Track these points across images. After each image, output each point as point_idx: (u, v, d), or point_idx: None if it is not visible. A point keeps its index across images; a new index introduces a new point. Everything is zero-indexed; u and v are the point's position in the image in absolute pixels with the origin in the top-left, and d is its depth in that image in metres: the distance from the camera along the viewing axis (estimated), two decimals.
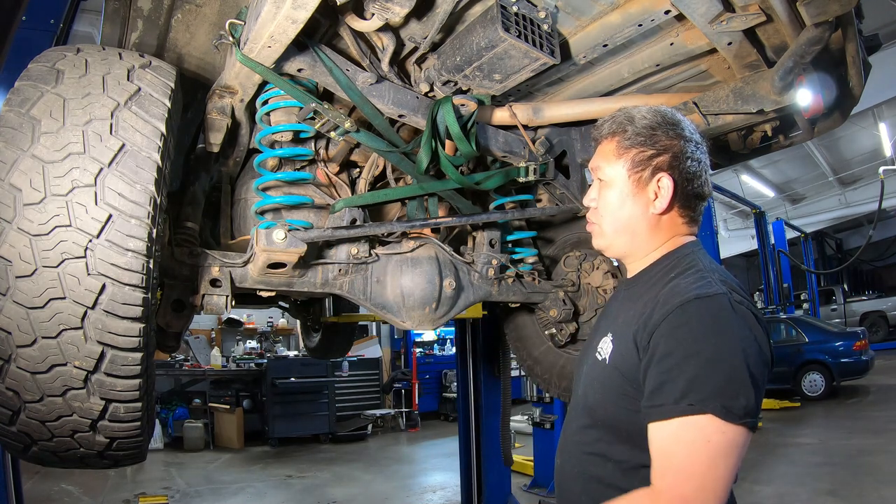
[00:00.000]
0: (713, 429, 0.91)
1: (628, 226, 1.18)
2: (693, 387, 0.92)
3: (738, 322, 0.97)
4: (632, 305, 1.13)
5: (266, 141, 1.84)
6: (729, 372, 0.93)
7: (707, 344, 0.95)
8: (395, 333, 11.58)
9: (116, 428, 1.33)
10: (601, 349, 1.15)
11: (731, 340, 0.95)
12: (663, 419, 0.94)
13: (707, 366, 0.93)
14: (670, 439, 0.94)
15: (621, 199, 1.18)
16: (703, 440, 0.91)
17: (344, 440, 8.82)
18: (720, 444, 0.91)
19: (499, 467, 4.35)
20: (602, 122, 1.23)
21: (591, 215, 1.24)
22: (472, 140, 1.82)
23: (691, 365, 0.94)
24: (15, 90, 1.28)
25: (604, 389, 1.11)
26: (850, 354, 9.41)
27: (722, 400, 0.91)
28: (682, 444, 0.92)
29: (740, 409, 0.91)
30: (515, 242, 2.39)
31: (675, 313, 0.98)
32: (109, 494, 5.80)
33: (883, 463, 5.48)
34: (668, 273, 1.11)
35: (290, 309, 4.19)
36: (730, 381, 0.92)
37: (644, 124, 1.16)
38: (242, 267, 1.73)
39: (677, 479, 0.92)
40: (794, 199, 17.34)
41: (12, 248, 1.16)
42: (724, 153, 2.37)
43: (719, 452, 0.91)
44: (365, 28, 1.55)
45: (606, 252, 1.27)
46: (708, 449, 0.91)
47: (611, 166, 1.19)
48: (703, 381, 0.92)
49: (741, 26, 1.58)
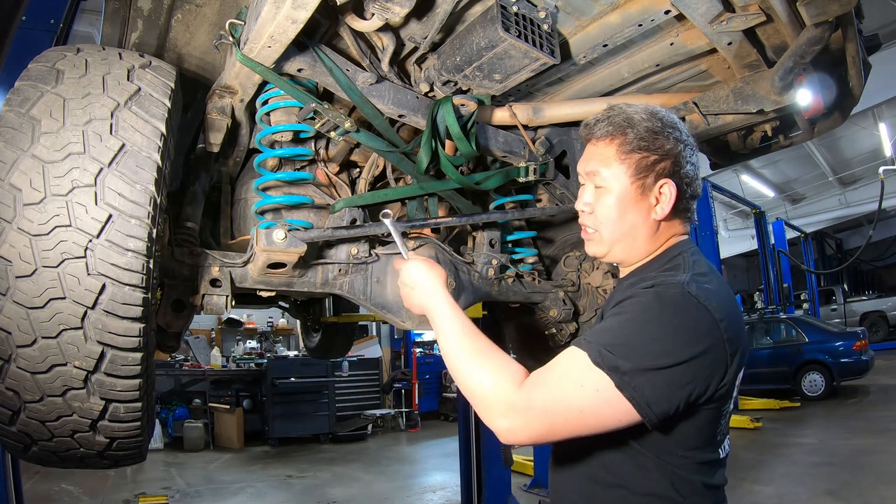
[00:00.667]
0: (578, 359, 0.97)
1: (629, 233, 1.14)
2: (593, 335, 0.99)
3: (680, 307, 0.98)
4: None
5: (266, 141, 1.84)
6: (635, 337, 0.96)
7: (633, 313, 1.00)
8: (395, 333, 11.57)
9: (116, 428, 1.33)
10: None
11: (658, 318, 0.97)
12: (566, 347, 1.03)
13: (621, 326, 0.99)
14: (559, 356, 1.01)
15: (623, 206, 1.13)
16: (568, 365, 0.98)
17: (344, 440, 8.82)
18: (577, 370, 0.96)
19: (499, 467, 4.35)
20: (594, 121, 1.17)
21: (587, 220, 1.18)
22: (472, 140, 1.82)
23: (610, 322, 1.01)
24: (15, 90, 1.28)
25: None
26: (850, 354, 9.40)
27: (600, 347, 0.96)
28: (554, 363, 1.00)
29: (611, 362, 0.94)
30: (515, 242, 2.39)
31: (631, 297, 1.03)
32: (109, 494, 5.80)
33: (883, 463, 5.47)
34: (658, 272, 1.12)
35: (290, 309, 4.19)
36: (627, 342, 0.96)
37: (645, 127, 1.12)
38: (242, 267, 1.73)
39: (536, 382, 0.98)
40: (794, 199, 17.34)
41: (12, 248, 1.16)
42: (724, 153, 2.37)
43: (574, 375, 0.96)
44: (365, 28, 1.55)
45: (603, 259, 1.23)
46: (569, 372, 0.97)
47: (611, 171, 1.13)
48: (604, 331, 0.99)
49: (741, 26, 1.58)
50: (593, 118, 1.18)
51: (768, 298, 13.29)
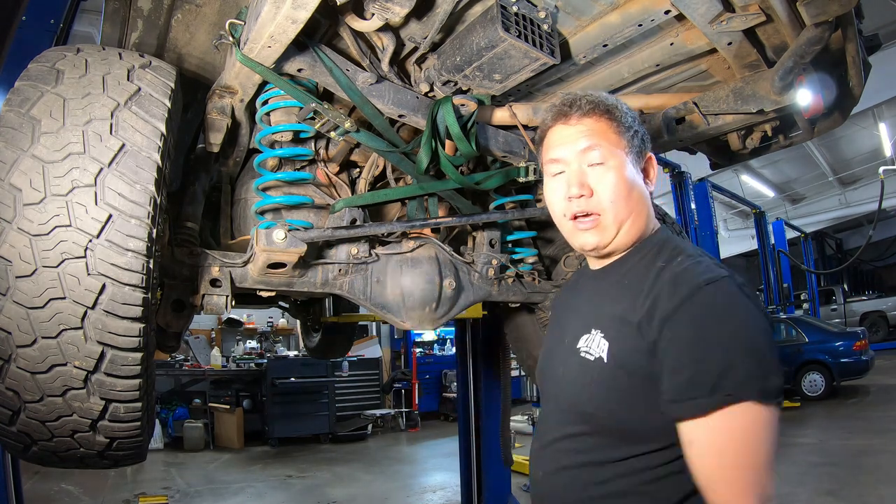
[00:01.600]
0: (754, 415, 0.86)
1: (636, 209, 1.06)
2: (727, 375, 0.86)
3: (749, 303, 0.93)
4: (615, 297, 1.05)
5: (266, 141, 1.84)
6: (756, 354, 0.89)
7: (732, 329, 0.90)
8: (395, 333, 11.57)
9: (116, 428, 1.33)
10: (589, 348, 1.04)
11: (749, 322, 0.91)
12: (700, 415, 0.87)
13: (735, 351, 0.88)
14: (716, 436, 0.87)
15: (630, 180, 1.05)
16: (752, 429, 0.86)
17: (344, 440, 8.81)
18: (764, 427, 0.87)
19: (499, 467, 4.35)
20: (568, 101, 1.09)
21: (585, 206, 1.05)
22: (472, 140, 1.82)
23: (719, 352, 0.88)
24: (15, 90, 1.28)
25: (605, 391, 1.00)
26: (850, 354, 9.40)
27: (758, 383, 0.86)
28: (730, 439, 0.87)
29: (774, 390, 0.88)
30: (515, 242, 2.39)
31: (689, 301, 0.92)
32: (109, 494, 5.80)
33: (883, 463, 5.47)
34: (654, 260, 1.04)
35: (290, 309, 4.19)
36: (759, 362, 0.88)
37: (625, 106, 1.09)
38: (242, 267, 1.73)
39: (735, 477, 0.87)
40: (794, 199, 17.34)
41: (12, 248, 1.16)
42: (724, 153, 2.37)
43: (762, 437, 0.87)
44: (365, 28, 1.55)
45: (608, 247, 1.09)
46: (757, 436, 0.87)
47: (611, 145, 1.05)
48: (735, 367, 0.87)
49: (741, 26, 1.58)
50: (564, 99, 1.10)
51: (768, 298, 13.29)
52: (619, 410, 0.98)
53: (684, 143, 2.12)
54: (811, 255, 17.09)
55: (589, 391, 1.02)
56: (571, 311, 1.20)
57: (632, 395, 0.97)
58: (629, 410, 0.97)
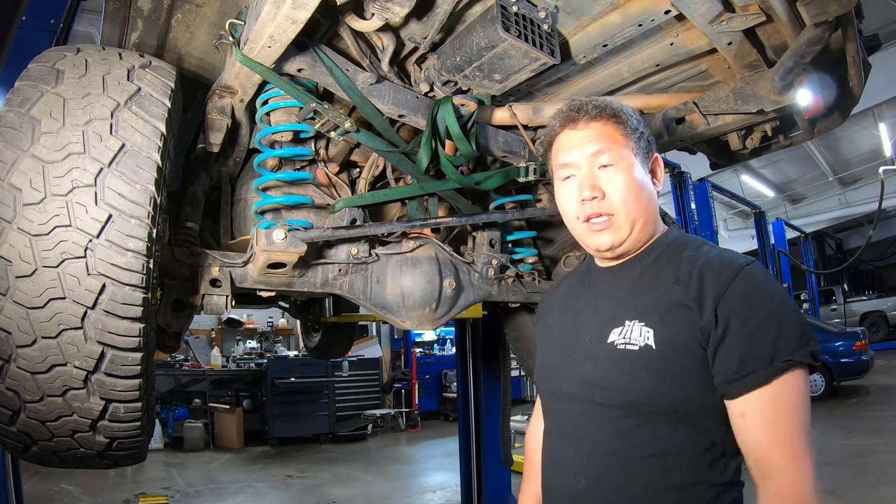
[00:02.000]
0: (804, 378, 0.97)
1: (647, 209, 1.10)
2: (780, 344, 0.95)
3: (776, 281, 1.04)
4: (648, 287, 1.08)
5: (266, 141, 1.84)
6: (799, 321, 0.98)
7: (777, 303, 0.98)
8: (395, 333, 11.57)
9: (116, 428, 1.33)
10: (629, 338, 1.04)
11: (784, 296, 1.00)
12: (760, 385, 0.95)
13: (785, 322, 0.97)
14: (772, 404, 0.95)
15: (640, 181, 1.09)
16: (800, 392, 0.95)
17: (344, 440, 8.81)
18: (807, 390, 0.97)
19: (499, 467, 4.35)
20: (578, 106, 1.13)
21: (598, 207, 1.08)
22: (472, 140, 1.82)
23: (774, 324, 0.96)
24: (15, 90, 1.28)
25: (659, 376, 1.01)
26: (850, 354, 9.40)
27: (807, 346, 0.96)
28: (784, 405, 0.95)
29: (817, 352, 0.97)
30: (515, 242, 2.39)
31: (736, 282, 0.98)
32: (109, 494, 5.80)
33: (883, 463, 5.47)
34: (680, 251, 1.09)
35: (290, 309, 4.19)
36: (803, 329, 0.97)
37: (630, 109, 1.14)
38: (242, 267, 1.73)
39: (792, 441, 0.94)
40: (794, 199, 17.34)
41: (12, 248, 1.16)
42: (724, 153, 2.37)
43: (806, 399, 0.96)
44: (365, 28, 1.55)
45: (621, 247, 1.12)
46: (804, 398, 0.96)
47: (620, 147, 1.09)
48: (786, 335, 0.96)
49: (741, 26, 1.58)
50: (571, 105, 1.14)
51: None
52: (677, 392, 1.01)
53: (684, 143, 2.12)
54: (811, 255, 17.07)
55: (642, 380, 1.02)
56: (586, 310, 1.19)
57: (687, 375, 1.00)
58: (686, 391, 1.00)
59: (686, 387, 1.00)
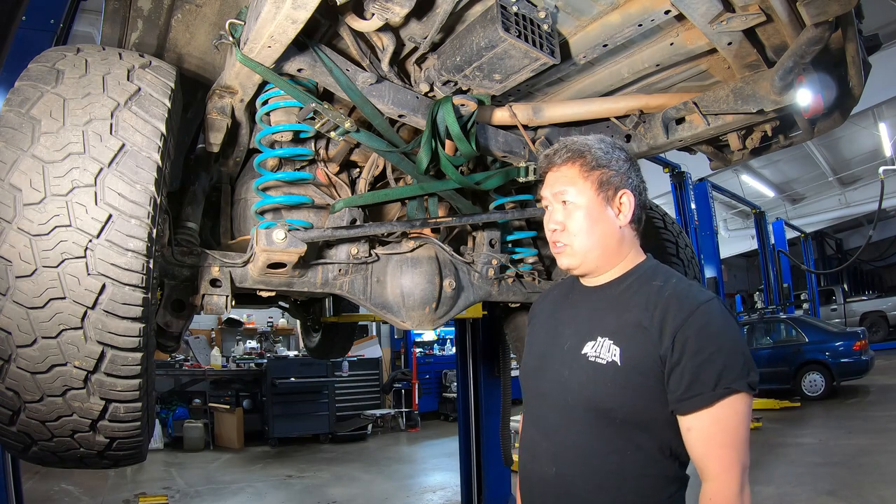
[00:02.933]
0: (743, 403, 1.12)
1: (601, 241, 1.27)
2: (724, 373, 1.12)
3: (731, 317, 1.20)
4: (619, 310, 1.25)
5: (266, 141, 1.84)
6: (743, 355, 1.15)
7: (726, 338, 1.15)
8: (395, 333, 11.57)
9: (116, 428, 1.33)
10: (599, 353, 1.22)
11: (735, 332, 1.18)
12: (704, 407, 1.12)
13: (730, 355, 1.13)
14: (712, 422, 1.12)
15: (592, 217, 1.27)
16: (737, 414, 1.12)
17: (344, 440, 8.81)
18: (745, 413, 1.13)
19: (499, 467, 4.35)
20: (553, 152, 1.32)
21: (559, 238, 1.30)
22: (472, 140, 1.82)
23: (721, 356, 1.13)
24: (15, 90, 1.28)
25: (621, 389, 1.18)
26: (850, 354, 9.39)
27: (746, 378, 1.12)
28: (722, 424, 1.12)
29: (756, 382, 1.14)
30: (515, 242, 2.39)
31: (694, 316, 1.15)
32: (109, 494, 5.80)
33: (883, 463, 5.47)
34: (650, 280, 1.26)
35: (290, 309, 4.19)
36: (746, 362, 1.14)
37: (599, 148, 1.28)
38: (242, 267, 1.73)
39: (724, 454, 1.11)
40: (794, 199, 17.33)
41: (12, 248, 1.16)
42: (724, 153, 2.37)
43: (745, 419, 1.13)
44: (365, 28, 1.55)
45: (576, 270, 1.32)
46: (740, 420, 1.13)
47: (577, 188, 1.27)
48: (730, 366, 1.12)
49: (741, 26, 1.58)
50: (551, 149, 1.34)
51: (768, 298, 13.31)
52: (635, 405, 1.18)
53: (684, 144, 2.12)
54: (811, 255, 17.10)
55: (606, 390, 1.19)
56: (566, 321, 1.36)
57: (645, 391, 1.17)
58: (643, 403, 1.17)
59: (643, 399, 1.17)
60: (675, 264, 2.64)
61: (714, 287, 9.10)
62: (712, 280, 9.12)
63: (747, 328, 11.02)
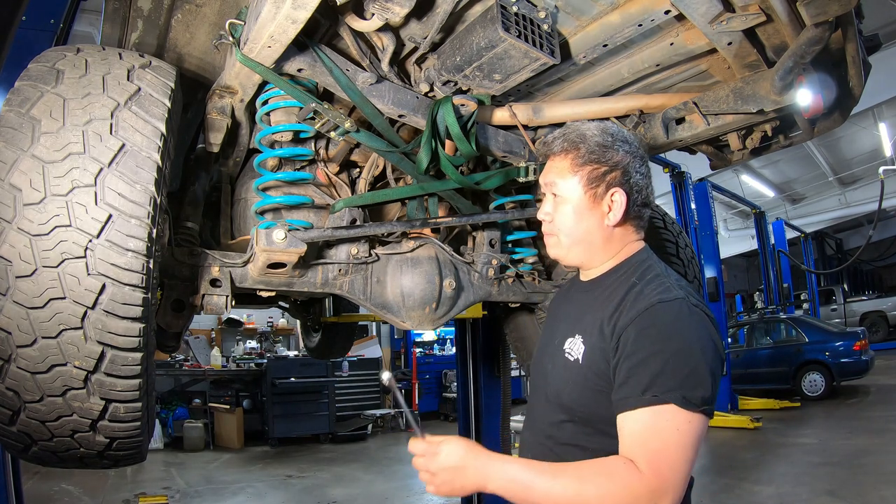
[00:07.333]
0: (678, 417, 1.02)
1: (584, 238, 1.25)
2: (656, 380, 1.04)
3: (694, 323, 1.10)
4: (596, 308, 1.22)
5: (266, 141, 1.84)
6: (686, 367, 1.05)
7: (669, 343, 1.07)
8: (395, 333, 11.57)
9: (116, 428, 1.33)
10: (571, 350, 1.22)
11: (689, 339, 1.08)
12: (629, 409, 1.05)
13: (670, 362, 1.05)
14: (636, 427, 1.04)
15: (578, 213, 1.24)
16: (670, 426, 1.02)
17: (344, 440, 8.81)
18: (683, 428, 1.02)
19: None
20: (552, 138, 1.29)
21: (547, 227, 1.30)
22: (472, 140, 1.82)
23: (656, 361, 1.05)
24: (15, 90, 1.28)
25: (580, 388, 1.18)
26: (850, 354, 9.40)
27: (683, 391, 1.02)
28: (649, 431, 1.03)
29: (698, 399, 1.03)
30: (515, 242, 2.39)
31: (641, 316, 1.09)
32: (109, 494, 5.80)
33: (883, 463, 5.47)
34: (630, 278, 1.21)
35: (290, 309, 4.19)
36: (688, 375, 1.04)
37: (596, 142, 1.22)
38: (242, 267, 1.73)
39: (653, 459, 1.01)
40: (794, 199, 17.33)
41: (12, 248, 1.16)
42: (724, 153, 2.37)
43: (682, 437, 1.02)
44: (365, 28, 1.55)
45: (563, 262, 1.32)
46: (677, 435, 1.02)
47: (566, 182, 1.24)
48: (666, 375, 1.04)
49: (741, 26, 1.58)
50: (551, 136, 1.30)
51: (768, 298, 13.30)
52: (590, 404, 1.16)
53: (684, 143, 2.12)
54: (811, 255, 17.10)
55: (568, 387, 1.21)
56: (562, 316, 1.37)
57: (598, 391, 1.14)
58: (596, 405, 1.15)
59: (597, 402, 1.15)
60: (675, 264, 2.64)
61: (714, 287, 9.10)
62: (712, 280, 9.12)
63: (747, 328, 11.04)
